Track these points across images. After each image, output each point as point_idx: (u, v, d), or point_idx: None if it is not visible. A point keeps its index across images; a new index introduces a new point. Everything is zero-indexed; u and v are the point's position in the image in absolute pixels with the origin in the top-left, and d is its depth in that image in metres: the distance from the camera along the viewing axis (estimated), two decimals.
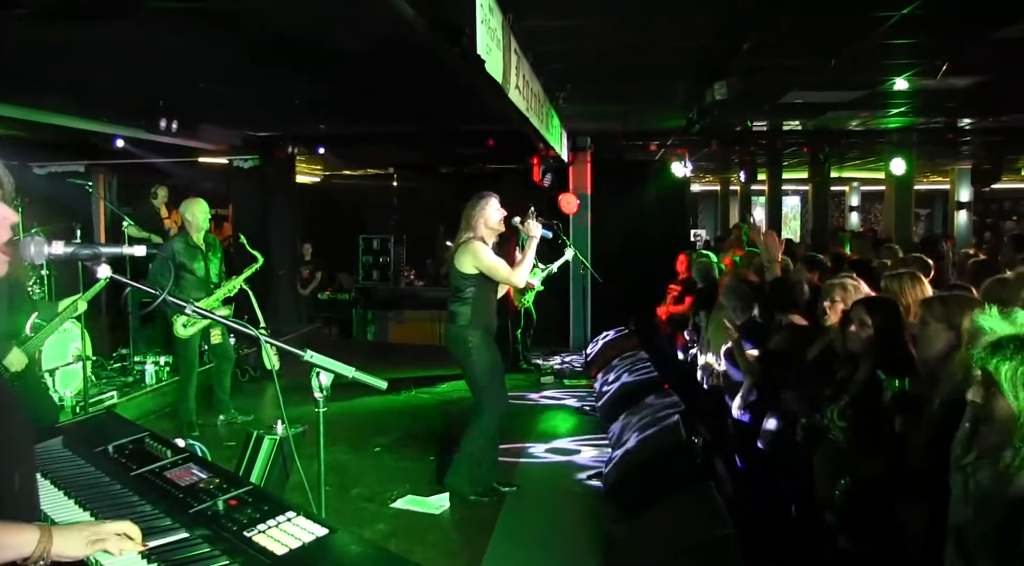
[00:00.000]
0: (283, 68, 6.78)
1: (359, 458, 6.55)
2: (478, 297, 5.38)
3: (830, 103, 9.28)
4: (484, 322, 5.42)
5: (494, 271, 5.34)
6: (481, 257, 5.31)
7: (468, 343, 5.35)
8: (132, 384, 8.00)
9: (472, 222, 5.41)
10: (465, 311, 5.38)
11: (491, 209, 5.43)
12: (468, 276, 5.36)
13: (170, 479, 2.47)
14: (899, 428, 3.44)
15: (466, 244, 5.36)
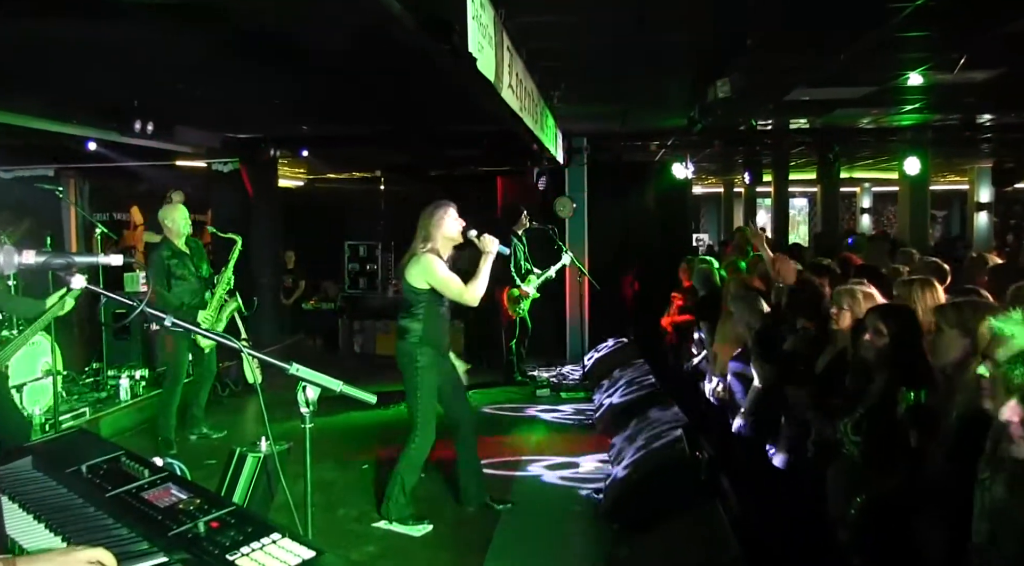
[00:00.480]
0: (264, 66, 6.78)
1: (346, 476, 6.54)
2: (430, 313, 5.33)
3: (839, 100, 9.28)
4: (436, 340, 5.38)
5: (445, 287, 5.27)
6: (433, 272, 5.24)
7: (416, 362, 5.32)
8: (106, 400, 7.97)
9: (427, 232, 5.33)
10: (416, 328, 5.33)
11: (448, 219, 5.35)
12: (419, 291, 5.30)
13: (148, 500, 2.45)
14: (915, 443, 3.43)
15: (418, 258, 5.29)
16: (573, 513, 5.80)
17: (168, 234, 7.34)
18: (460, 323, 12.31)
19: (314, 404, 2.70)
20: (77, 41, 5.79)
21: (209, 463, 6.58)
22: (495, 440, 7.46)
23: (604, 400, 8.43)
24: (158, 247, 7.42)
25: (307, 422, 2.74)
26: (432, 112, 9.58)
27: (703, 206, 26.98)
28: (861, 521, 3.55)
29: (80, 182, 9.71)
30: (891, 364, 3.73)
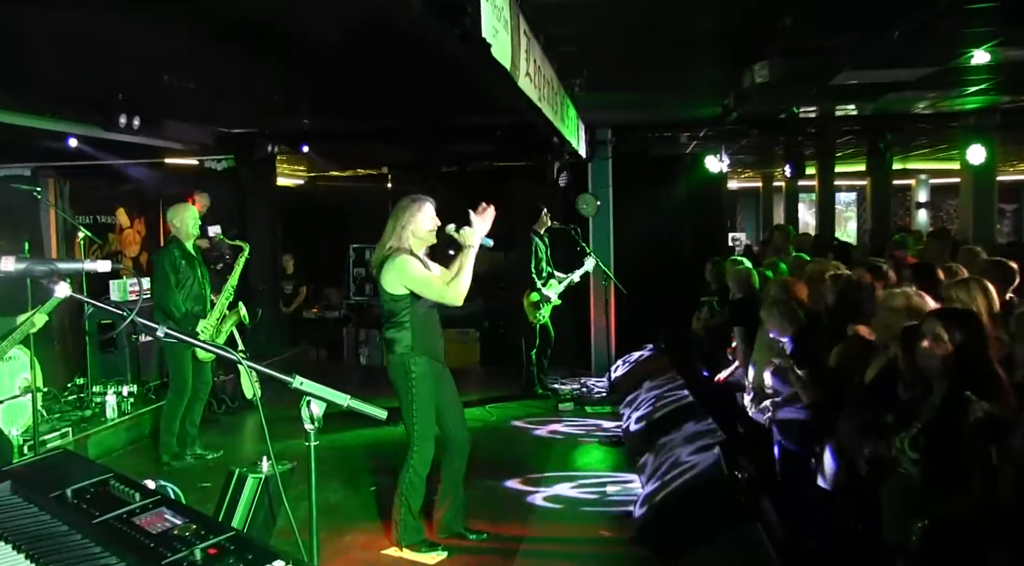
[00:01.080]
0: (260, 54, 6.80)
1: (353, 498, 6.55)
2: (417, 319, 5.23)
3: (893, 83, 9.17)
4: (429, 346, 5.30)
5: (424, 288, 5.16)
6: (407, 273, 5.14)
7: (410, 373, 5.22)
8: (91, 419, 7.97)
9: (397, 228, 5.24)
10: (404, 337, 5.23)
11: (423, 216, 5.27)
12: (398, 297, 5.20)
13: (139, 526, 2.44)
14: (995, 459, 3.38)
15: (391, 260, 5.17)
16: (600, 539, 5.78)
17: (177, 234, 7.46)
18: (475, 332, 12.36)
19: (319, 420, 2.69)
20: (54, 27, 5.80)
21: (204, 486, 6.61)
22: (514, 458, 7.45)
23: (632, 414, 8.41)
24: (167, 245, 7.54)
25: (312, 440, 2.73)
26: (442, 104, 9.59)
27: (739, 202, 26.87)
28: (924, 549, 3.49)
29: (60, 182, 9.73)
30: (954, 374, 3.68)
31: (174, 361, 7.45)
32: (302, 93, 8.86)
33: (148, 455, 7.69)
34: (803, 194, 22.81)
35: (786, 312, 5.82)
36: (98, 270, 2.25)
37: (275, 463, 4.11)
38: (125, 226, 10.68)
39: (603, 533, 5.86)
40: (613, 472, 7.14)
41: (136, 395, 8.47)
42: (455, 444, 5.54)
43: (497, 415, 9.20)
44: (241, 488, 4.43)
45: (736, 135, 12.96)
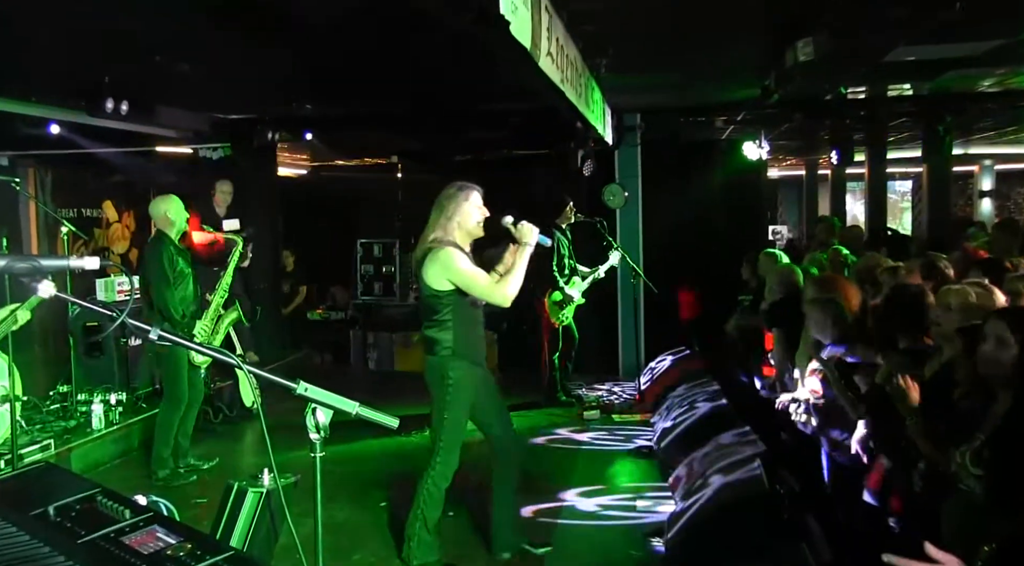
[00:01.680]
0: (259, 35, 6.82)
1: (361, 515, 6.58)
2: (460, 318, 5.23)
3: (953, 59, 9.06)
4: (471, 349, 5.31)
5: (470, 285, 5.13)
6: (454, 268, 5.11)
7: (447, 379, 5.23)
8: (75, 429, 7.99)
9: (442, 219, 5.23)
10: (445, 338, 5.23)
11: (470, 206, 5.25)
12: (442, 293, 5.18)
13: (129, 546, 2.44)
14: None
15: (435, 253, 5.16)
16: (630, 559, 5.78)
17: (164, 228, 7.44)
18: (493, 334, 12.35)
19: (326, 429, 2.70)
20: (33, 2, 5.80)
21: (200, 501, 6.64)
22: (536, 470, 7.43)
23: (664, 423, 8.38)
24: (159, 241, 7.48)
25: (317, 451, 2.74)
26: (456, 87, 9.59)
27: (781, 192, 26.75)
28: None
29: (41, 172, 9.73)
30: (1020, 381, 3.63)
31: (169, 367, 7.46)
32: (304, 76, 8.88)
33: (138, 469, 7.72)
34: (852, 183, 22.67)
35: (830, 311, 5.76)
36: (84, 268, 2.25)
37: (277, 476, 4.11)
38: (113, 220, 10.72)
39: (632, 553, 5.86)
40: (644, 486, 7.13)
41: (125, 404, 8.50)
42: (504, 451, 5.58)
43: (517, 424, 9.16)
44: (240, 503, 4.43)
45: (777, 119, 12.89)
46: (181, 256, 7.45)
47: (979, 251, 7.53)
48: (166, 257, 7.32)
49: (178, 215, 7.45)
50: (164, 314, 7.25)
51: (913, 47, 8.19)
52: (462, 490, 7.04)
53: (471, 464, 7.91)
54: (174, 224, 7.45)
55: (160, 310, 7.29)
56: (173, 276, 7.30)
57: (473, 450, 8.33)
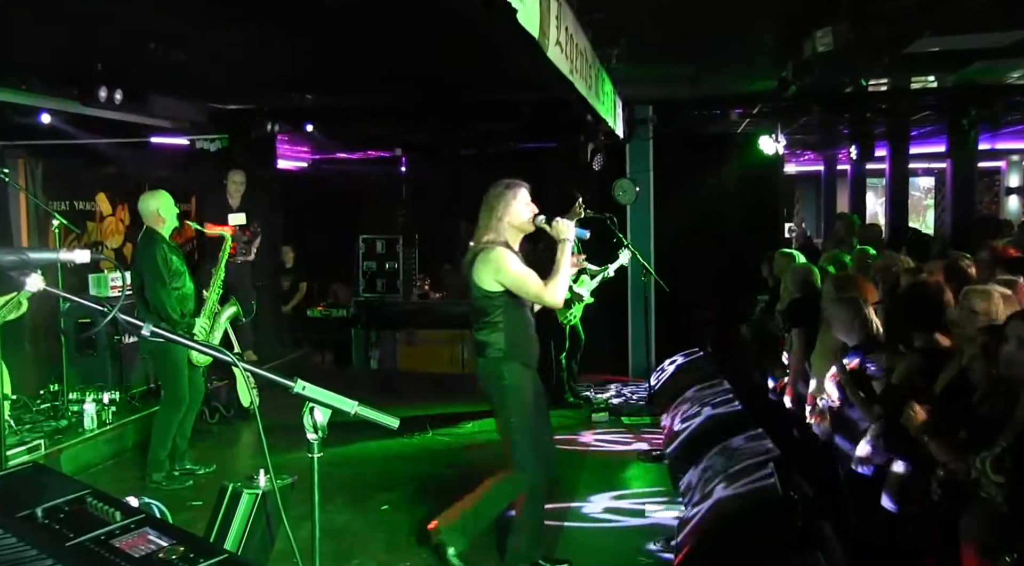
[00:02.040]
0: (258, 23, 6.83)
1: (362, 518, 6.57)
2: (511, 319, 5.25)
3: (981, 50, 9.03)
4: (522, 351, 5.31)
5: (522, 286, 5.17)
6: (505, 269, 5.15)
7: (503, 380, 5.23)
8: (66, 429, 7.95)
9: (492, 220, 5.27)
10: (496, 339, 5.24)
11: (519, 203, 5.27)
12: (493, 294, 5.22)
13: (119, 549, 2.44)
14: None
15: (486, 253, 5.21)
16: (639, 565, 5.77)
17: (157, 225, 7.39)
18: None
19: (324, 429, 2.71)
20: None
21: (195, 504, 6.65)
22: None
23: (675, 426, 8.38)
24: (150, 240, 7.41)
25: (315, 451, 2.74)
26: (461, 78, 9.59)
27: (798, 189, 26.70)
28: None
29: (32, 163, 9.68)
30: None
31: (168, 367, 7.42)
32: (305, 65, 8.88)
33: (131, 470, 7.71)
34: (872, 179, 22.58)
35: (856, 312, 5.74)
36: (75, 261, 2.25)
37: (273, 477, 4.12)
38: (106, 213, 10.70)
39: (641, 559, 5.85)
40: (654, 491, 7.11)
41: (118, 403, 8.46)
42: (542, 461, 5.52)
43: None
44: (235, 505, 4.44)
45: (794, 112, 12.89)
46: (175, 254, 7.40)
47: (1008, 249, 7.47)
48: (159, 256, 7.25)
49: (169, 211, 7.40)
50: (162, 315, 7.19)
51: (937, 38, 8.16)
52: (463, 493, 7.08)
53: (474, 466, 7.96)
54: (165, 221, 7.39)
55: (157, 311, 7.21)
56: (168, 275, 7.25)
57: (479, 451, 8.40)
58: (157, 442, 7.40)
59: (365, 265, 14.32)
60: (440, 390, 10.97)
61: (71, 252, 2.27)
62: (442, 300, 14.24)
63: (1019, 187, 22.90)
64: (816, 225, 24.24)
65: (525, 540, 5.42)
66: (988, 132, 16.77)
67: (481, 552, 5.63)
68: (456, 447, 8.62)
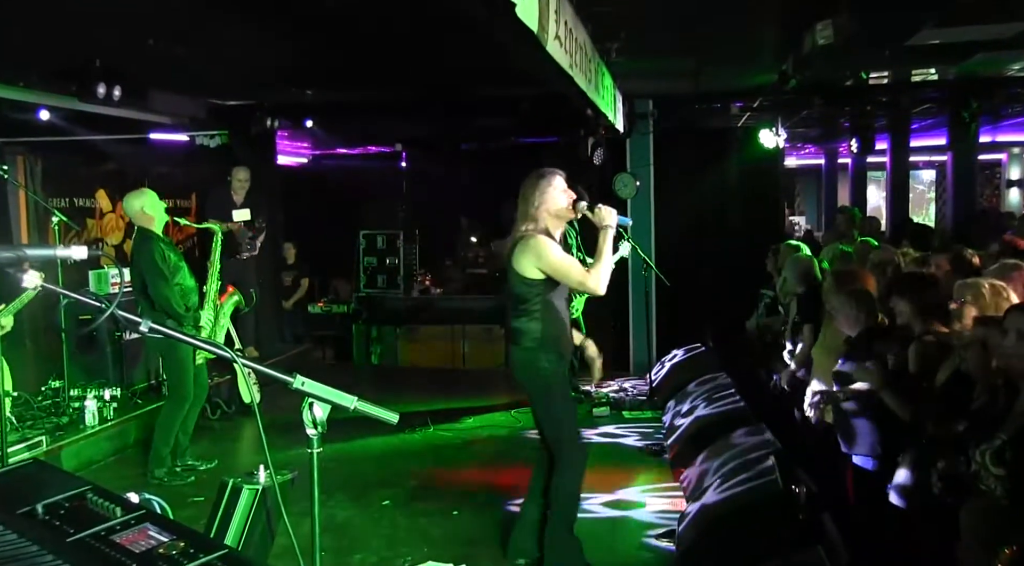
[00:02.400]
0: (258, 18, 6.82)
1: (363, 514, 6.58)
2: (548, 308, 5.24)
3: (980, 42, 9.01)
4: (558, 342, 5.28)
5: (564, 274, 5.18)
6: (547, 256, 5.14)
7: (542, 370, 5.21)
8: (67, 426, 7.94)
9: (530, 209, 5.26)
10: (533, 328, 5.22)
11: (555, 191, 5.29)
12: (532, 282, 5.20)
13: (120, 545, 2.44)
14: None
15: (526, 241, 5.20)
16: (640, 561, 5.78)
17: (147, 224, 7.40)
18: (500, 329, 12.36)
19: (323, 424, 2.71)
20: None
21: (197, 500, 6.66)
22: None
23: (676, 421, 8.39)
24: (146, 239, 7.42)
25: (315, 447, 2.74)
26: (461, 73, 9.57)
27: (799, 182, 26.71)
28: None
29: (31, 160, 9.64)
30: None
31: (174, 364, 7.46)
32: (305, 61, 8.87)
33: (133, 467, 7.73)
34: (874, 173, 22.56)
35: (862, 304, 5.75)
36: (72, 257, 2.25)
37: (273, 473, 4.12)
38: (106, 210, 10.68)
39: (642, 553, 5.87)
40: (654, 486, 7.12)
41: (119, 400, 8.49)
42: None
43: (525, 421, 9.20)
44: (236, 501, 4.44)
45: (795, 105, 12.88)
46: (171, 250, 7.42)
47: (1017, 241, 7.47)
48: (156, 253, 7.26)
49: (154, 208, 7.39)
50: (169, 312, 7.21)
51: (938, 30, 8.14)
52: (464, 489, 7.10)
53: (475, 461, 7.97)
54: (153, 218, 7.39)
55: (164, 309, 7.22)
56: (168, 271, 7.27)
57: (480, 446, 8.41)
58: (160, 438, 7.41)
59: (366, 261, 14.33)
60: (441, 385, 10.99)
61: (69, 248, 2.27)
62: (443, 296, 14.26)
63: (1020, 180, 22.87)
64: (817, 218, 24.21)
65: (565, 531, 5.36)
66: (989, 125, 16.77)
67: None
68: (458, 443, 8.62)
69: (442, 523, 6.38)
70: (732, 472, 6.03)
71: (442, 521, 6.41)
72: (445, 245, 15.57)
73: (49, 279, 2.29)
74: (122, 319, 2.40)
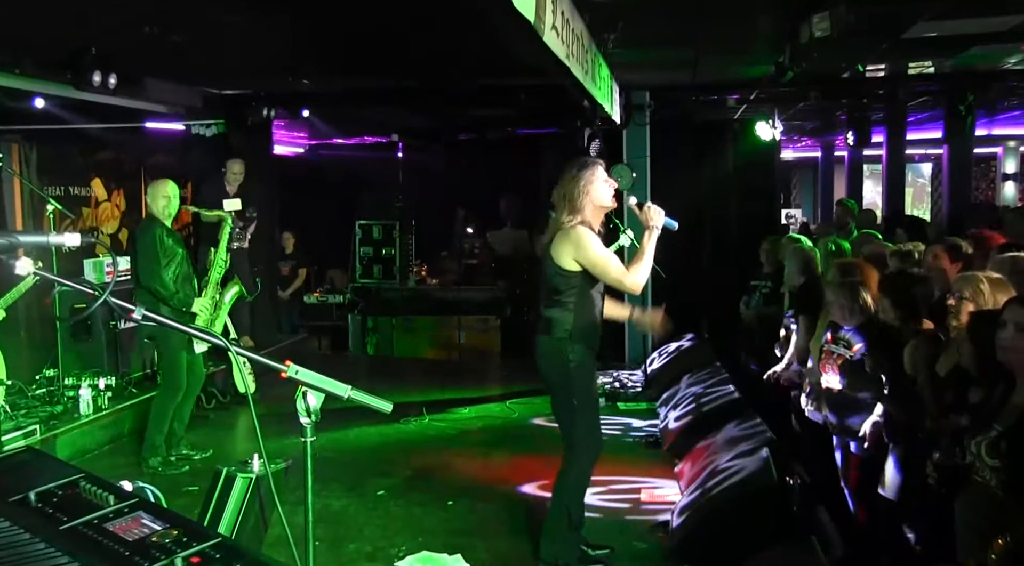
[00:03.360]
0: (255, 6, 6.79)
1: (358, 504, 6.58)
2: (582, 301, 5.21)
3: (976, 35, 8.99)
4: (588, 335, 5.27)
5: (603, 269, 5.16)
6: (587, 249, 5.11)
7: (568, 361, 5.18)
8: (62, 415, 7.92)
9: (574, 200, 5.21)
10: (565, 319, 5.19)
11: (598, 182, 5.27)
12: (569, 274, 5.18)
13: (113, 533, 2.43)
14: None
15: (566, 232, 5.17)
16: (636, 553, 5.79)
17: (159, 213, 7.46)
18: (496, 320, 12.38)
19: (316, 413, 2.71)
20: None
21: (191, 490, 6.65)
22: (538, 461, 7.44)
23: (671, 412, 8.40)
24: (149, 224, 7.48)
25: (308, 435, 2.74)
26: (459, 63, 9.56)
27: (795, 175, 26.69)
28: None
29: (26, 148, 9.58)
30: None
31: (167, 352, 7.49)
32: (302, 50, 8.85)
33: (127, 456, 7.73)
34: (871, 165, 22.58)
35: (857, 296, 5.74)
36: (66, 244, 2.24)
37: (267, 462, 4.11)
38: (102, 199, 10.66)
39: (637, 544, 5.88)
40: (649, 477, 7.13)
41: (114, 388, 8.45)
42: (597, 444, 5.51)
43: (519, 411, 9.22)
44: (229, 490, 4.43)
45: (792, 98, 12.86)
46: (171, 236, 7.46)
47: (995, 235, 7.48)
48: (156, 237, 7.32)
49: (170, 202, 7.49)
50: (156, 294, 7.23)
51: (934, 23, 8.13)
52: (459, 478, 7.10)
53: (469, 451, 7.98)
54: (164, 210, 7.47)
55: (152, 290, 7.25)
56: (162, 253, 7.29)
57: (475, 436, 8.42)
58: (154, 427, 7.42)
59: (362, 251, 14.32)
60: (436, 376, 10.99)
61: (62, 235, 2.26)
62: (439, 287, 14.25)
63: (1016, 173, 22.91)
64: (813, 211, 24.21)
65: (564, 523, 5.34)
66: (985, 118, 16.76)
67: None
68: (453, 433, 8.63)
69: (437, 513, 6.39)
70: (726, 463, 6.03)
71: (437, 511, 6.42)
72: (441, 236, 15.56)
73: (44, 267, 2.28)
74: (115, 306, 2.39)
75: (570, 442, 5.29)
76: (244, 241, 10.44)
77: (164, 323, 2.72)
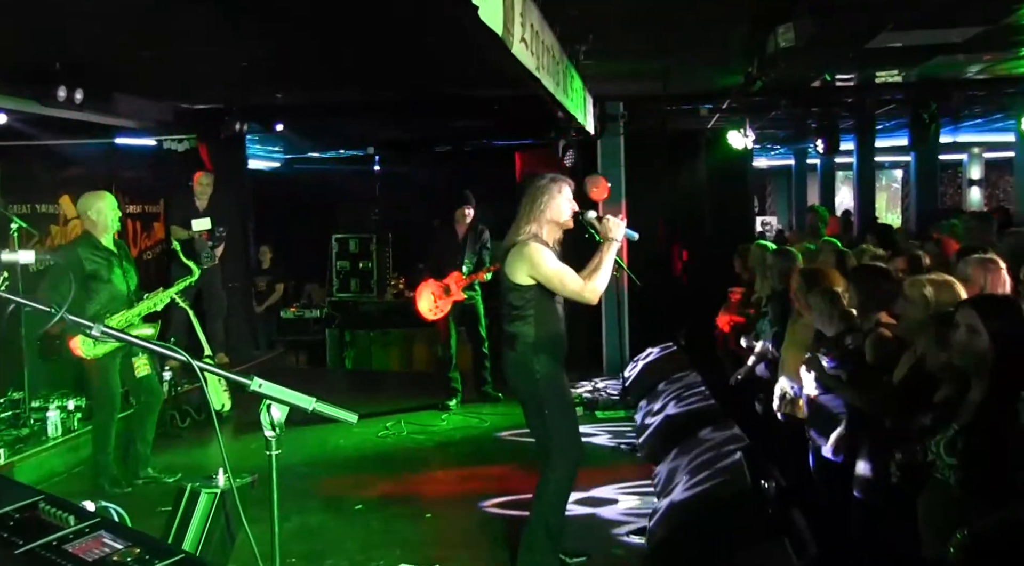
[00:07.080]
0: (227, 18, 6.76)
1: (335, 519, 6.49)
2: (542, 312, 5.21)
3: (940, 45, 9.08)
4: (552, 346, 5.26)
5: (559, 283, 5.14)
6: (540, 265, 5.10)
7: (535, 373, 5.19)
8: (28, 438, 7.69)
9: (533, 215, 5.21)
10: (527, 332, 5.19)
11: (563, 199, 5.25)
12: (524, 288, 5.17)
13: (72, 554, 2.40)
14: None
15: (519, 248, 5.17)
16: (612, 558, 5.80)
17: (92, 228, 7.10)
18: None
19: (281, 426, 2.71)
20: None
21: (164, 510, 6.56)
22: (514, 470, 7.45)
23: (648, 419, 8.40)
24: (74, 243, 7.20)
25: (272, 448, 2.75)
26: (434, 75, 9.55)
27: (769, 183, 26.83)
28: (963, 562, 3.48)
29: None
30: (994, 369, 3.66)
31: (94, 378, 7.17)
32: (274, 63, 8.82)
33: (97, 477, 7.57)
34: (844, 173, 22.74)
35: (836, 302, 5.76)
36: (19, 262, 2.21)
37: (232, 476, 4.08)
38: (71, 216, 10.41)
39: (613, 550, 5.89)
40: (626, 483, 7.12)
41: (84, 409, 8.11)
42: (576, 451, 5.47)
43: (495, 420, 9.20)
44: (193, 505, 4.40)
45: (763, 107, 12.91)
46: (98, 259, 7.05)
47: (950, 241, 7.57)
48: (73, 260, 6.91)
49: (102, 214, 7.08)
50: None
51: (898, 33, 8.20)
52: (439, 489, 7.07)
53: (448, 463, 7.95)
54: (97, 223, 7.07)
55: None
56: (83, 277, 6.90)
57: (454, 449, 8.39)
58: (97, 447, 7.21)
59: (339, 265, 14.31)
60: (414, 389, 10.95)
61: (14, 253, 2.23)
62: None
63: (980, 179, 23.21)
64: (788, 218, 24.34)
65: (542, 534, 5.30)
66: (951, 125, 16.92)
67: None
68: (431, 445, 8.59)
69: (415, 526, 6.36)
70: (702, 468, 6.06)
71: (415, 524, 6.39)
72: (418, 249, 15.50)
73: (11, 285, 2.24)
74: (71, 323, 2.36)
75: (547, 453, 5.28)
76: (214, 260, 10.25)
77: (122, 338, 2.69)
